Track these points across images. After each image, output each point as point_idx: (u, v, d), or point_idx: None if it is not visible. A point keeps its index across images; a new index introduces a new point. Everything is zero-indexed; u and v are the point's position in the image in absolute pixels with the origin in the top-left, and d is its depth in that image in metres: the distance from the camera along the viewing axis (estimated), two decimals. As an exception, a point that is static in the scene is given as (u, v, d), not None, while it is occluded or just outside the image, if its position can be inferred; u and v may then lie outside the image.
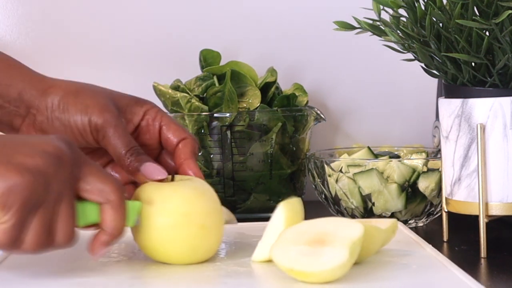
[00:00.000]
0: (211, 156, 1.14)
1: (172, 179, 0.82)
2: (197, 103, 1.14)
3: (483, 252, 0.87)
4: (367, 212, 1.05)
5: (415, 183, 1.04)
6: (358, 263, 0.77)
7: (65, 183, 0.71)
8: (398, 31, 0.90)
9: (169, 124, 0.86)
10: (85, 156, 0.74)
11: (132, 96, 0.87)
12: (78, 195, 0.72)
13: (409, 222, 1.06)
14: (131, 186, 0.86)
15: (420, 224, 1.07)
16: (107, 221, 0.73)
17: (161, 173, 0.81)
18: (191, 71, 1.21)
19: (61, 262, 0.81)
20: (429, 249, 0.84)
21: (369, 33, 0.92)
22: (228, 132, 1.13)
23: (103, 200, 0.73)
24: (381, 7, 0.91)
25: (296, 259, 0.72)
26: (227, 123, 1.13)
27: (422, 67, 0.93)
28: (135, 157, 0.81)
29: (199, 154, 1.14)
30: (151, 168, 0.81)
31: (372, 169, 1.04)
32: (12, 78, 0.85)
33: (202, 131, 1.14)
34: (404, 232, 0.92)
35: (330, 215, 1.09)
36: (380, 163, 1.04)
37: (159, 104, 1.18)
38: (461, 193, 0.89)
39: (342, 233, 0.73)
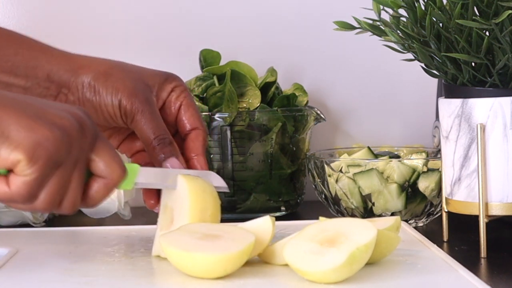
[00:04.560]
0: (211, 156, 1.14)
1: None
2: (197, 103, 1.14)
3: (483, 252, 0.87)
4: (367, 212, 1.05)
5: (415, 183, 1.04)
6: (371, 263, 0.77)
7: (82, 150, 0.71)
8: (398, 31, 0.90)
9: (188, 106, 0.86)
10: (99, 131, 0.74)
11: (163, 72, 0.87)
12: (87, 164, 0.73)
13: (409, 222, 1.06)
14: (142, 153, 0.88)
15: (420, 224, 1.07)
16: (92, 190, 0.73)
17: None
18: (191, 71, 1.21)
19: (66, 262, 0.81)
20: (434, 248, 0.84)
21: (369, 33, 0.92)
22: (228, 132, 1.13)
23: (103, 175, 0.73)
24: (381, 7, 0.91)
25: (302, 256, 0.72)
26: (227, 123, 1.13)
27: (422, 67, 0.93)
28: (161, 147, 0.82)
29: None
30: (174, 166, 0.82)
31: (372, 169, 1.04)
32: (37, 60, 0.85)
33: (202, 131, 1.14)
34: (408, 232, 0.92)
35: (330, 215, 1.09)
36: (380, 163, 1.04)
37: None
38: (461, 193, 0.89)
39: (354, 236, 0.73)
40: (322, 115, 1.17)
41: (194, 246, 0.73)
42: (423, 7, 0.87)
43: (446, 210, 0.93)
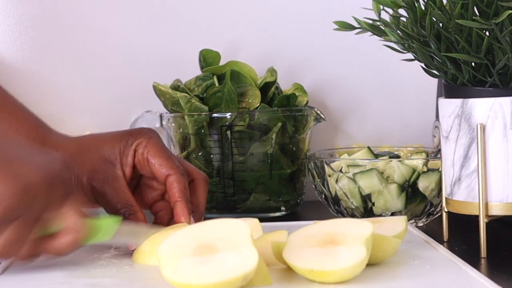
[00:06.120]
0: (211, 156, 1.14)
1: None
2: (197, 103, 1.14)
3: (483, 252, 0.87)
4: (367, 212, 1.05)
5: (415, 183, 1.04)
6: (373, 264, 0.77)
7: (46, 207, 0.73)
8: (398, 31, 0.90)
9: (154, 157, 0.89)
10: (72, 188, 0.77)
11: (124, 137, 0.90)
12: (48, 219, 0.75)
13: (409, 222, 1.06)
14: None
15: (420, 224, 1.07)
16: (57, 243, 0.76)
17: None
18: (191, 71, 1.21)
19: (71, 264, 0.81)
20: (441, 249, 0.85)
21: (369, 33, 0.92)
22: (228, 132, 1.13)
23: (67, 231, 0.76)
24: (381, 7, 0.91)
25: (314, 260, 0.72)
26: (227, 123, 1.13)
27: (422, 67, 0.93)
28: (124, 219, 0.86)
29: (199, 154, 1.14)
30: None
31: (372, 169, 1.04)
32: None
33: (202, 131, 1.14)
34: (413, 233, 0.92)
35: (330, 215, 1.09)
36: (380, 163, 1.04)
37: (158, 104, 1.18)
38: (461, 193, 0.89)
39: (353, 232, 0.73)
40: (322, 115, 1.17)
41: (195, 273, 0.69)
42: (423, 7, 0.87)
43: (446, 210, 0.94)
